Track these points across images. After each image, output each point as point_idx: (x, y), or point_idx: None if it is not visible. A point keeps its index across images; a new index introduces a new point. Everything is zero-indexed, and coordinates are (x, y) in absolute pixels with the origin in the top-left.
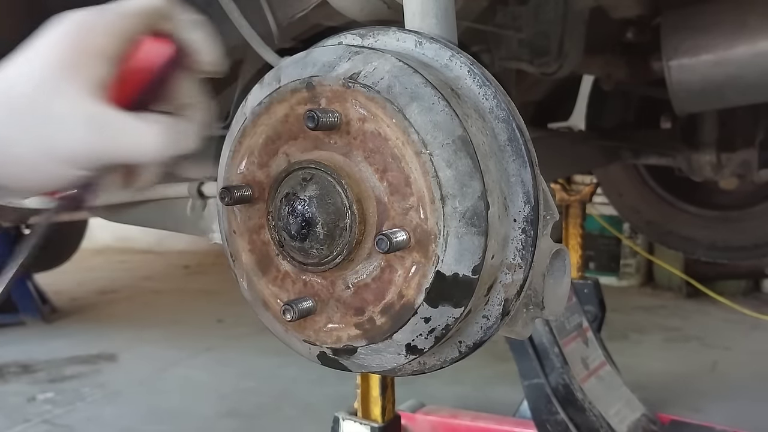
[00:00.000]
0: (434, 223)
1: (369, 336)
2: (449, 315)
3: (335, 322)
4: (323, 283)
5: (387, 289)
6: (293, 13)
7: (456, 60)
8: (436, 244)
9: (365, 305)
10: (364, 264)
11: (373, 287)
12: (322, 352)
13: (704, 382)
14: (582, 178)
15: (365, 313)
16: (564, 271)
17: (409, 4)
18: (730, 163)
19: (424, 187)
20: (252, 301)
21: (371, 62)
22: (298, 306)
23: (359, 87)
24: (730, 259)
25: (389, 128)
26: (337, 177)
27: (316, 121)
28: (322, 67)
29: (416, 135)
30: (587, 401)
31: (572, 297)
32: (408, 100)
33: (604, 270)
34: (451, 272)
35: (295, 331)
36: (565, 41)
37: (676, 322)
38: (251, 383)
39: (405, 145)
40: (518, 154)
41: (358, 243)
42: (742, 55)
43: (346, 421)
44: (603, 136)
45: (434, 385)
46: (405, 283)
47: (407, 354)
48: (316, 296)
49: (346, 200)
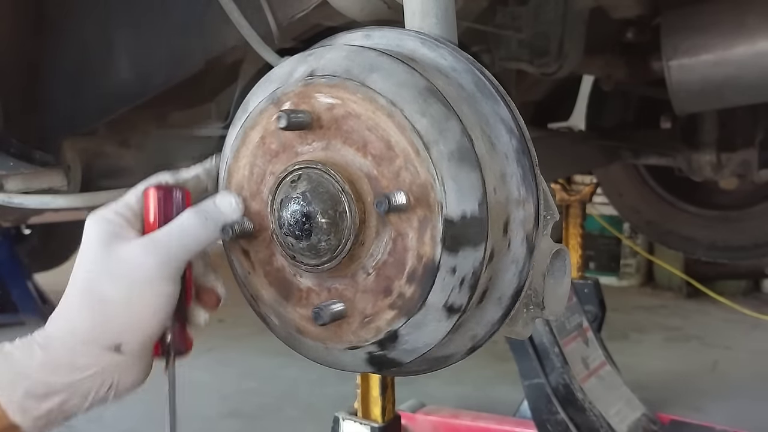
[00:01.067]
0: (426, 172)
1: (404, 310)
2: (473, 258)
3: (369, 313)
4: (345, 282)
5: (405, 257)
6: (293, 14)
7: (405, 37)
8: (435, 192)
9: (391, 282)
10: (375, 243)
11: (392, 261)
12: (368, 354)
13: (704, 381)
14: (582, 178)
15: (393, 290)
16: (564, 271)
17: (409, 4)
18: (730, 163)
19: (405, 143)
20: (287, 335)
21: (324, 56)
22: (328, 308)
23: (319, 79)
24: (730, 259)
25: (357, 104)
26: (322, 167)
27: (288, 120)
28: (282, 79)
29: (383, 99)
30: (587, 401)
31: (572, 297)
32: (367, 72)
33: (604, 270)
34: (459, 214)
35: (334, 342)
36: (565, 41)
37: (676, 322)
38: (252, 383)
39: (376, 113)
40: (489, 95)
41: (362, 223)
42: (742, 55)
43: (346, 421)
44: (603, 136)
45: (434, 384)
46: (419, 243)
47: (448, 316)
48: (343, 298)
49: (337, 184)
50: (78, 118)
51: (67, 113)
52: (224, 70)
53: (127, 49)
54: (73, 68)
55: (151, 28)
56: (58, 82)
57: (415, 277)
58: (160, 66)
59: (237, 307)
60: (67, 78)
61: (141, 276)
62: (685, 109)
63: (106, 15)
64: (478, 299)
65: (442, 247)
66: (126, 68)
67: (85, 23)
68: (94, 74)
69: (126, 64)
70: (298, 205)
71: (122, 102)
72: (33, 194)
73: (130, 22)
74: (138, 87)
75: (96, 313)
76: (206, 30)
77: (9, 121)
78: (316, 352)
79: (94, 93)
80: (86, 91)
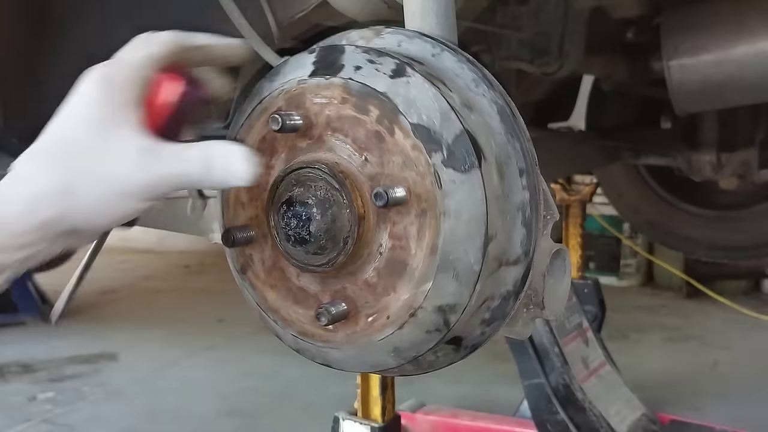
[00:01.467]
0: (424, 167)
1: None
2: (474, 250)
3: (373, 311)
4: (348, 281)
5: (407, 253)
6: (293, 13)
7: (385, 35)
8: (434, 187)
9: (393, 280)
10: (376, 239)
11: (393, 258)
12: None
13: (704, 381)
14: (582, 178)
15: (396, 287)
16: (564, 271)
17: (409, 4)
18: (730, 163)
19: (404, 141)
20: (315, 350)
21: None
22: (331, 309)
23: (316, 79)
24: (730, 259)
25: (345, 104)
26: (314, 165)
27: (281, 123)
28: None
29: (382, 97)
30: (587, 401)
31: (572, 297)
32: (351, 71)
33: (604, 270)
34: (455, 205)
35: (341, 342)
36: (566, 41)
37: (676, 322)
38: (252, 383)
39: (370, 112)
40: (458, 57)
41: (362, 219)
42: (743, 55)
43: (346, 421)
44: (603, 136)
45: (434, 384)
46: (419, 238)
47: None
48: (347, 298)
49: (332, 179)
50: None
51: None
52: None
53: None
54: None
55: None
56: (59, 82)
57: (416, 274)
58: None
59: (237, 306)
60: (67, 78)
61: (121, 189)
62: (686, 109)
63: (107, 14)
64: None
65: (442, 240)
66: None
67: (86, 22)
68: None
69: None
70: (295, 202)
71: None
72: None
73: (130, 21)
74: None
75: (59, 204)
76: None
77: (9, 121)
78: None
79: None
80: None
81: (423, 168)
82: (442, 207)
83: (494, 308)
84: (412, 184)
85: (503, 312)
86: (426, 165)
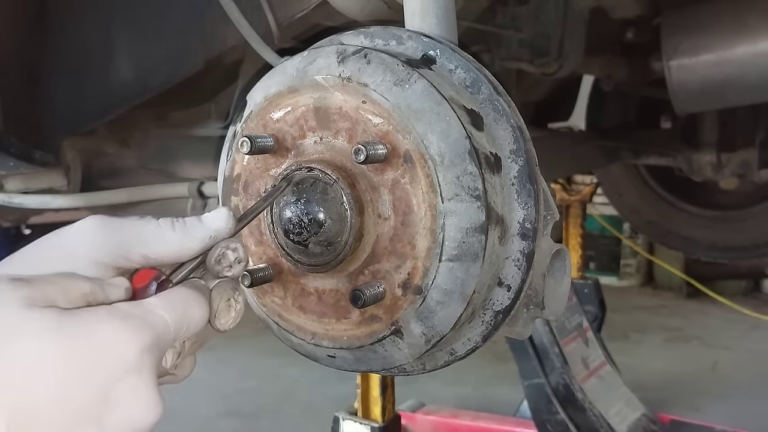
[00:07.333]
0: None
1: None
2: (472, 210)
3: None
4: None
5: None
6: (293, 13)
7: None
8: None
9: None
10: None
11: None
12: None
13: (704, 381)
14: (582, 178)
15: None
16: (564, 271)
17: (409, 4)
18: (730, 163)
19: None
20: (348, 359)
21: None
22: (366, 290)
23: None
24: (730, 259)
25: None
26: (304, 164)
27: (252, 144)
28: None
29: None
30: (587, 401)
31: (572, 297)
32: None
33: (604, 270)
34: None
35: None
36: (566, 41)
37: (676, 322)
38: (252, 383)
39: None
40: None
41: (358, 202)
42: (743, 55)
43: (346, 421)
44: (603, 136)
45: (434, 384)
46: (420, 194)
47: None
48: (378, 274)
49: (325, 169)
50: (78, 117)
51: (67, 113)
52: (224, 70)
53: (128, 48)
54: (73, 68)
55: (152, 27)
56: (58, 82)
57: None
58: (160, 66)
59: None
60: (67, 78)
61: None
62: (686, 109)
63: (107, 15)
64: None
65: (441, 197)
66: (126, 68)
67: (86, 23)
68: (94, 74)
69: (126, 63)
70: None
71: (122, 102)
72: (33, 194)
73: (130, 22)
74: (138, 87)
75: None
76: (206, 30)
77: (9, 121)
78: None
79: (94, 93)
80: (86, 91)
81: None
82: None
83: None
84: (389, 138)
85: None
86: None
